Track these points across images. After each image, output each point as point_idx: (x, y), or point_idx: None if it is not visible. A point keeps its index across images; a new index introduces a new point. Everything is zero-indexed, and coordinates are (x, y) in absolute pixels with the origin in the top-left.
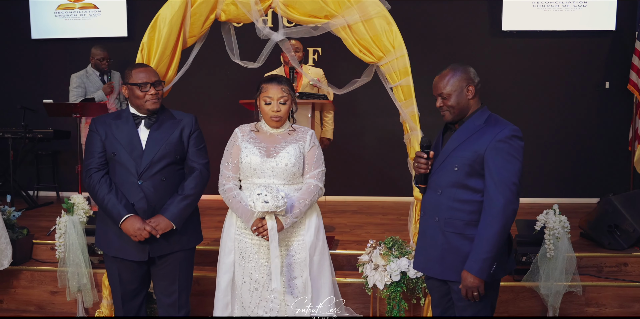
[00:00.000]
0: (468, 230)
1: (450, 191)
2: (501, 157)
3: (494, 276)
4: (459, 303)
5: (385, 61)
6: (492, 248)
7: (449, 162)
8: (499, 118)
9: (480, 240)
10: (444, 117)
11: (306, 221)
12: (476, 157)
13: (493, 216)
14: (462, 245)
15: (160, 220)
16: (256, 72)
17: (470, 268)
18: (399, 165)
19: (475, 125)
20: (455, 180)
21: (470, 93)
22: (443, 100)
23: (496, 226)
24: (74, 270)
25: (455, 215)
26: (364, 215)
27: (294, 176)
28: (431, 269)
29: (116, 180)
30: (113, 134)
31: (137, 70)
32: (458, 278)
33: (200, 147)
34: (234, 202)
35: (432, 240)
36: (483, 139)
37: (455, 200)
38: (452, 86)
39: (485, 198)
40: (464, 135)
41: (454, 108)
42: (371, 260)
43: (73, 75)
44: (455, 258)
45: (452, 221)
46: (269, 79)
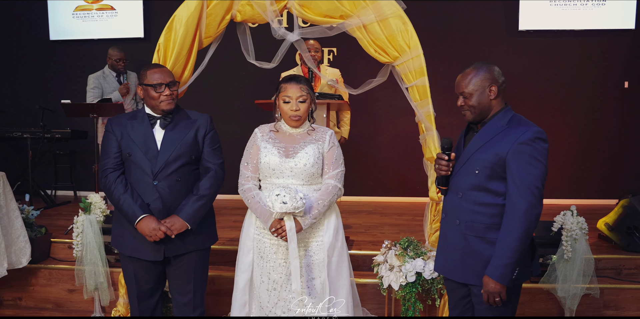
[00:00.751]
0: (489, 233)
1: (471, 194)
2: (523, 160)
3: (516, 281)
4: (479, 306)
5: (400, 61)
6: (513, 254)
7: (469, 164)
8: (522, 119)
9: (501, 245)
10: (465, 117)
11: (325, 222)
12: (497, 160)
13: (515, 221)
14: (483, 248)
15: (175, 220)
16: (272, 72)
17: (491, 274)
18: (415, 165)
19: (497, 126)
20: (476, 183)
21: (492, 94)
22: (464, 99)
23: (518, 231)
24: (91, 269)
25: (476, 218)
26: (379, 216)
27: (313, 176)
28: (452, 273)
29: (132, 180)
30: (129, 134)
31: (152, 70)
32: (479, 281)
33: (215, 147)
34: (252, 202)
35: (453, 243)
36: (505, 141)
37: (476, 203)
38: (474, 85)
39: (507, 202)
40: (486, 137)
41: (475, 108)
42: (386, 261)
43: (90, 76)
44: (476, 261)
45: (473, 225)
46: (288, 79)
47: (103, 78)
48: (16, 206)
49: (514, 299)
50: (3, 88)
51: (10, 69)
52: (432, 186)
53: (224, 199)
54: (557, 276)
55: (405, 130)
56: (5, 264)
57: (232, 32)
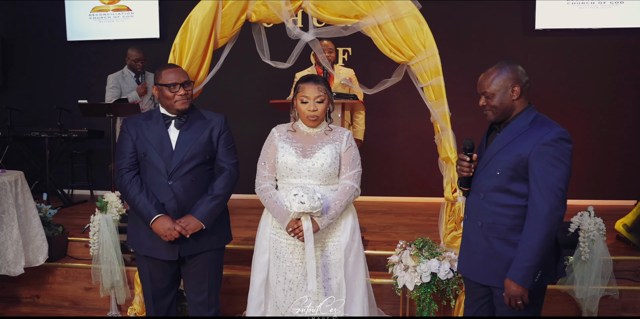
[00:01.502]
0: (511, 235)
1: (493, 195)
2: (546, 161)
3: (539, 284)
4: (501, 308)
5: (416, 61)
6: (535, 256)
7: (491, 166)
8: (546, 118)
9: (523, 247)
10: (487, 117)
11: (342, 223)
12: (519, 161)
13: (537, 223)
14: (506, 250)
15: (190, 220)
16: (286, 72)
17: (513, 277)
18: (430, 165)
19: (520, 126)
20: (497, 184)
21: (515, 94)
22: (486, 99)
23: (540, 234)
24: (107, 267)
25: (499, 220)
26: (394, 216)
27: (330, 176)
28: (474, 274)
29: (147, 180)
30: (144, 134)
31: (166, 70)
32: (501, 283)
33: (230, 147)
34: (269, 202)
35: (476, 245)
36: (527, 142)
37: (498, 205)
38: (497, 85)
39: (530, 204)
40: (508, 138)
41: (497, 108)
42: (401, 261)
43: (109, 76)
44: (499, 263)
45: (495, 226)
46: (306, 79)
47: (122, 78)
48: (34, 205)
49: (538, 302)
50: (21, 88)
51: (28, 70)
52: (447, 186)
53: (238, 199)
54: (574, 277)
55: (421, 130)
56: (22, 262)
57: (247, 32)
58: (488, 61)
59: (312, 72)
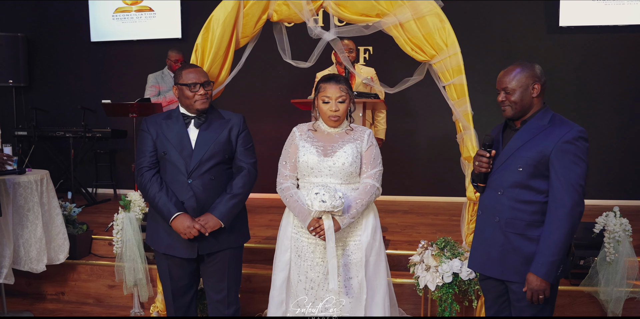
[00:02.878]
0: (530, 230)
1: (513, 191)
2: (568, 159)
3: (558, 278)
4: (518, 303)
5: (437, 59)
6: (559, 251)
7: (512, 162)
8: (563, 118)
9: (547, 242)
10: (504, 112)
11: (363, 222)
12: (541, 158)
13: (560, 219)
14: (523, 245)
15: (209, 218)
16: (308, 71)
17: (536, 271)
18: (452, 164)
19: (540, 125)
20: (518, 180)
21: (535, 92)
22: (506, 94)
23: (563, 229)
24: (131, 265)
25: (517, 215)
26: (416, 215)
27: (351, 175)
28: (490, 269)
29: (167, 179)
30: (164, 134)
31: (186, 70)
32: (518, 278)
33: (248, 146)
34: (291, 201)
35: (491, 240)
36: (549, 140)
37: (518, 201)
38: (518, 82)
39: (551, 200)
40: (529, 135)
41: (517, 104)
42: (423, 261)
43: (150, 75)
44: (516, 258)
45: (513, 222)
46: (327, 78)
47: (161, 77)
48: (57, 203)
49: (553, 296)
50: (46, 88)
51: (53, 70)
52: (469, 185)
53: (259, 198)
54: (599, 279)
55: (442, 129)
56: (45, 259)
57: (268, 32)
58: (511, 59)
59: (333, 72)
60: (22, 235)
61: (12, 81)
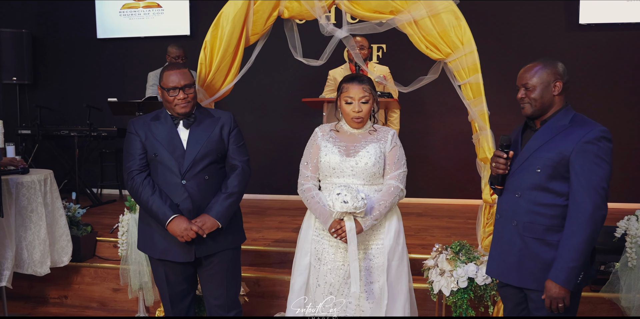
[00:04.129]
0: (549, 235)
1: (531, 194)
2: (589, 160)
3: (579, 285)
4: (537, 312)
5: (453, 58)
6: (579, 256)
7: (530, 163)
8: (585, 118)
9: (566, 247)
10: (523, 110)
11: (386, 225)
12: (561, 159)
13: (581, 223)
14: (542, 251)
15: (206, 219)
16: (319, 69)
17: (555, 278)
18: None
19: (560, 124)
20: (536, 182)
21: (557, 90)
22: (526, 91)
23: (584, 233)
24: (136, 268)
25: (536, 219)
26: (430, 218)
27: (374, 176)
28: (507, 276)
29: (159, 181)
30: (153, 135)
31: (167, 72)
32: (536, 286)
33: (241, 144)
34: (312, 202)
35: (509, 245)
36: (569, 140)
37: (536, 204)
38: (540, 78)
39: (572, 203)
40: (548, 135)
41: (537, 101)
42: (437, 265)
43: (150, 73)
44: (534, 264)
45: (532, 226)
46: (350, 78)
47: None
48: (61, 204)
49: (574, 305)
50: (51, 86)
51: (58, 68)
52: (485, 187)
53: (269, 199)
54: (620, 285)
55: (458, 129)
56: (48, 262)
57: (279, 29)
58: (529, 58)
59: (345, 70)
60: (25, 237)
61: (16, 78)
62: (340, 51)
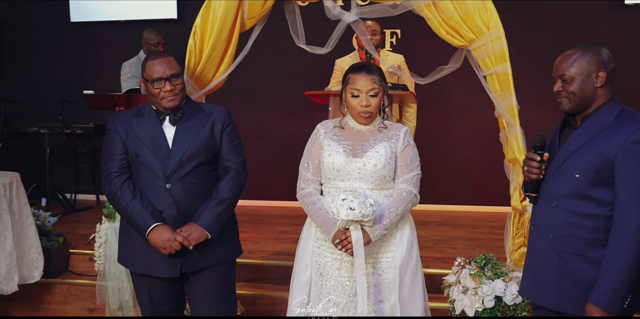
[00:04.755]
0: (590, 251)
1: (569, 202)
2: (637, 163)
3: (628, 311)
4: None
5: (477, 44)
6: (625, 277)
7: (568, 167)
8: (634, 113)
9: (610, 265)
10: (560, 105)
11: (397, 235)
12: (603, 162)
13: (627, 236)
14: (583, 269)
15: (192, 229)
16: (325, 59)
17: (597, 301)
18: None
19: (603, 121)
20: (575, 189)
21: (599, 81)
22: (563, 83)
23: (631, 249)
24: (115, 285)
25: (575, 232)
26: (451, 228)
27: (384, 179)
28: (543, 298)
29: (140, 185)
30: (135, 132)
31: (150, 62)
32: (576, 310)
33: (235, 143)
34: (313, 209)
35: (545, 262)
36: (613, 139)
37: (575, 214)
38: (578, 68)
39: (616, 213)
40: (589, 134)
41: (575, 95)
42: (459, 282)
43: (125, 64)
44: (574, 285)
45: (570, 240)
46: (357, 68)
47: (139, 65)
48: (30, 212)
49: None
50: (18, 77)
51: (26, 56)
52: (514, 193)
53: (267, 206)
54: None
55: (483, 126)
56: (16, 278)
57: (279, 13)
58: (565, 44)
59: (354, 58)
60: None
61: None
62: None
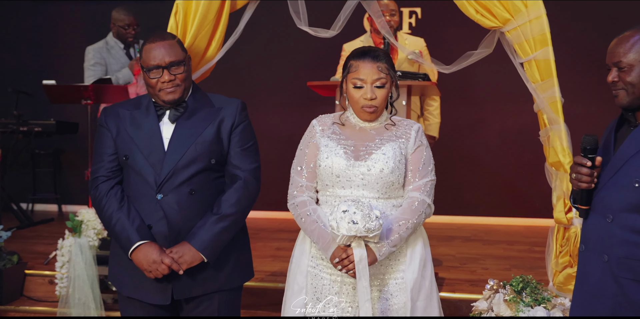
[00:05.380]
0: None
1: (628, 217)
2: None
3: None
4: None
5: (513, 25)
6: None
7: (625, 174)
8: None
9: None
10: (616, 99)
11: (407, 252)
12: None
13: None
14: None
15: (184, 250)
16: (331, 43)
17: None
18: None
19: None
20: (635, 201)
21: None
22: (620, 72)
23: None
24: (81, 312)
25: (635, 253)
26: (481, 244)
27: (392, 187)
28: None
29: (130, 193)
30: (126, 129)
31: (148, 46)
32: None
33: (247, 146)
34: (308, 222)
35: (598, 289)
36: None
37: (635, 232)
38: (637, 54)
39: None
40: None
41: (635, 86)
42: (491, 309)
43: (89, 48)
44: (633, 315)
45: (629, 263)
46: (360, 53)
47: (107, 51)
48: None
49: None
50: None
51: None
52: (557, 203)
53: (262, 218)
54: None
55: (518, 123)
56: None
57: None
58: (619, 26)
59: (367, 43)
60: None
61: None
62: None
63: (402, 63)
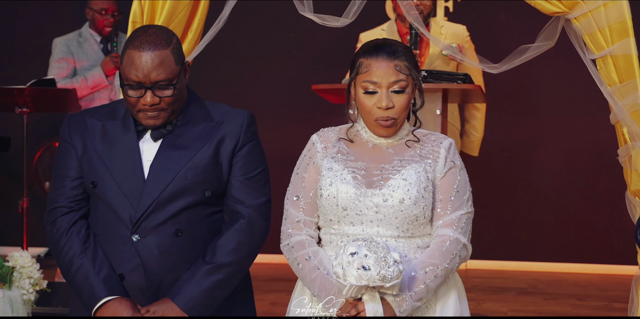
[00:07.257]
0: None
1: None
2: None
3: None
4: None
5: (582, 10)
6: None
7: None
8: None
9: None
10: None
11: (437, 308)
12: None
13: None
14: None
15: (165, 309)
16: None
17: None
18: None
19: None
20: None
21: None
22: None
23: None
24: None
25: None
26: (541, 298)
27: (416, 222)
28: None
29: (98, 231)
30: (95, 147)
31: (132, 52)
32: None
33: (254, 175)
34: (306, 268)
35: None
36: None
37: None
38: None
39: None
40: None
41: None
42: None
43: (56, 40)
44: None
45: None
46: (373, 48)
47: (78, 44)
48: None
49: None
50: None
51: None
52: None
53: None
54: None
55: (590, 139)
56: None
57: None
58: None
59: (390, 33)
60: None
61: None
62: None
63: (434, 60)
